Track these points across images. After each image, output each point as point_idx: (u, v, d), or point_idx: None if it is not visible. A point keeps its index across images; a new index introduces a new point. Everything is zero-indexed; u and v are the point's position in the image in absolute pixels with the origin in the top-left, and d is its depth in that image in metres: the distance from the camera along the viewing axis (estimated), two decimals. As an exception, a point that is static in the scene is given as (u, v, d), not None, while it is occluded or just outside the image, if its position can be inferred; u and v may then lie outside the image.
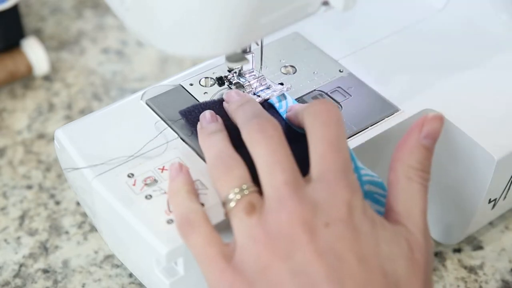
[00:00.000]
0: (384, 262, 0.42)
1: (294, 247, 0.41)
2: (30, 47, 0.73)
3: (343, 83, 0.56)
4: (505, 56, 0.59)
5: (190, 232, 0.44)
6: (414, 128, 0.46)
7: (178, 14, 0.41)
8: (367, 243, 0.42)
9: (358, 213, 0.42)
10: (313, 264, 0.40)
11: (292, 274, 0.41)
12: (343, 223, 0.42)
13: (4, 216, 0.63)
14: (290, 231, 0.41)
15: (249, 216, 0.43)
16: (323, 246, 0.41)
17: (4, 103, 0.73)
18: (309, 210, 0.42)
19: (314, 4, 0.44)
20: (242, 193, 0.44)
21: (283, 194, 0.42)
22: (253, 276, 0.41)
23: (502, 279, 0.59)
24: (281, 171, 0.43)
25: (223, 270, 0.42)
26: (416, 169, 0.45)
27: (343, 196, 0.42)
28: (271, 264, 0.41)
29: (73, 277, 0.58)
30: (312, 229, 0.41)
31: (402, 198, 0.45)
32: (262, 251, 0.42)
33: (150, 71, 0.76)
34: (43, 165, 0.67)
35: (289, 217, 0.41)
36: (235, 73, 0.54)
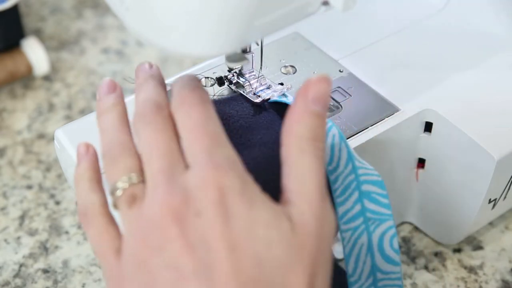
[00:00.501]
0: (259, 248, 0.38)
1: (166, 241, 0.39)
2: (30, 47, 0.73)
3: (343, 83, 0.56)
4: (505, 56, 0.59)
5: (86, 225, 0.44)
6: (300, 95, 0.42)
7: (178, 14, 0.41)
8: (239, 228, 0.38)
9: (231, 195, 0.39)
10: (183, 257, 0.39)
11: (164, 267, 0.39)
12: (214, 209, 0.39)
13: (4, 216, 0.63)
14: (161, 223, 0.39)
15: (130, 209, 0.41)
16: (193, 238, 0.39)
17: (4, 103, 0.73)
18: (180, 199, 0.39)
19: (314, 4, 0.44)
20: (130, 182, 0.42)
21: (157, 183, 0.40)
22: (133, 271, 0.41)
23: (502, 279, 0.59)
24: (157, 158, 0.41)
25: (112, 266, 0.42)
26: (307, 138, 0.41)
27: (214, 178, 0.39)
28: (145, 259, 0.40)
29: (73, 277, 0.58)
30: (183, 220, 0.39)
31: (294, 173, 0.41)
32: (138, 246, 0.40)
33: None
34: (43, 165, 0.67)
35: (160, 209, 0.39)
36: (235, 73, 0.54)
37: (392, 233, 0.48)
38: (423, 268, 0.59)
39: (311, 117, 0.41)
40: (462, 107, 0.55)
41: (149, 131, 0.42)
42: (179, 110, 0.43)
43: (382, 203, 0.48)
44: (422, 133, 0.55)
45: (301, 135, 0.41)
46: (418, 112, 0.54)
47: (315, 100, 0.41)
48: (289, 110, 0.42)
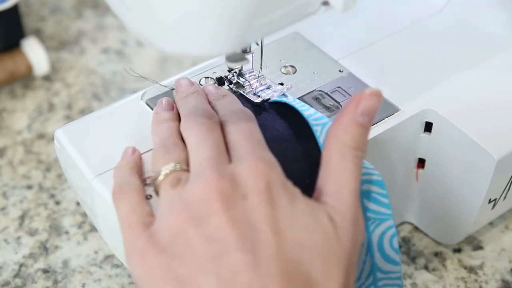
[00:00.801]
0: (300, 234, 0.41)
1: (209, 214, 0.41)
2: (30, 47, 0.73)
3: (343, 83, 0.56)
4: (505, 56, 0.59)
5: (120, 199, 0.45)
6: (350, 104, 0.44)
7: (178, 14, 0.41)
8: (283, 215, 0.41)
9: (276, 185, 0.42)
10: (226, 231, 0.40)
11: (205, 239, 0.40)
12: (260, 196, 0.41)
13: (4, 216, 0.63)
14: (205, 198, 0.41)
15: (173, 189, 0.43)
16: (237, 216, 0.40)
17: (4, 103, 0.73)
18: (227, 181, 0.42)
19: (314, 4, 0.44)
20: (173, 169, 0.45)
21: (204, 167, 0.43)
22: (166, 242, 0.41)
23: (502, 279, 0.59)
24: (206, 149, 0.44)
25: (139, 236, 0.43)
26: (350, 147, 0.44)
27: (261, 168, 0.42)
28: (184, 229, 0.41)
29: (73, 277, 0.58)
30: (228, 199, 0.41)
31: (333, 176, 0.44)
32: (177, 218, 0.41)
33: (150, 71, 0.76)
34: (43, 165, 0.67)
35: (206, 186, 0.41)
36: (235, 73, 0.54)
37: (392, 233, 0.48)
38: (423, 268, 0.59)
39: (357, 127, 0.44)
40: (462, 107, 0.55)
41: (200, 130, 0.46)
42: (230, 119, 0.47)
43: (382, 202, 0.48)
44: (422, 133, 0.55)
45: (345, 142, 0.44)
46: (418, 112, 0.54)
47: (364, 112, 0.44)
48: (337, 116, 0.45)
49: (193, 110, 0.48)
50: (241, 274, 0.39)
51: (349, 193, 0.43)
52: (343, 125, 0.44)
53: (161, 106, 0.51)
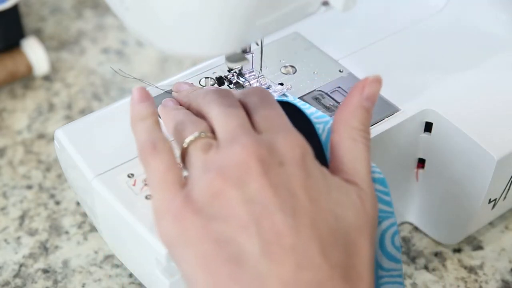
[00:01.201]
0: (335, 207, 0.42)
1: (248, 177, 0.41)
2: (30, 47, 0.73)
3: (343, 83, 0.56)
4: (505, 56, 0.59)
5: (153, 157, 0.43)
6: (356, 90, 0.46)
7: (178, 14, 0.41)
8: (319, 187, 0.42)
9: (310, 159, 0.43)
10: (266, 194, 0.40)
11: (244, 201, 0.40)
12: (297, 165, 0.42)
13: (4, 216, 0.63)
14: (244, 161, 0.41)
15: (205, 153, 0.43)
16: (276, 181, 0.41)
17: (4, 103, 0.73)
18: (264, 148, 0.42)
19: (314, 4, 0.44)
20: (199, 136, 0.44)
21: (237, 134, 0.43)
22: (203, 202, 0.41)
23: (502, 279, 0.59)
24: (235, 118, 0.44)
25: (174, 196, 0.42)
26: (359, 129, 0.46)
27: (297, 141, 0.43)
28: (222, 190, 0.41)
29: (73, 277, 0.58)
30: (266, 164, 0.41)
31: (348, 157, 0.45)
32: (214, 179, 0.41)
33: (150, 71, 0.76)
34: (43, 165, 0.67)
35: (244, 151, 0.41)
36: (235, 73, 0.54)
37: (393, 231, 0.48)
38: (423, 268, 0.59)
39: (363, 111, 0.46)
40: (462, 107, 0.55)
41: (223, 107, 0.45)
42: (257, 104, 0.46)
43: (384, 200, 0.48)
44: (422, 133, 0.55)
45: (354, 126, 0.46)
46: (418, 112, 0.54)
47: (369, 97, 0.46)
48: (344, 102, 0.47)
49: (209, 91, 0.47)
50: (283, 236, 0.40)
51: (366, 171, 0.45)
52: (351, 110, 0.46)
53: (168, 102, 0.50)
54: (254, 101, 0.46)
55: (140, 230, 0.47)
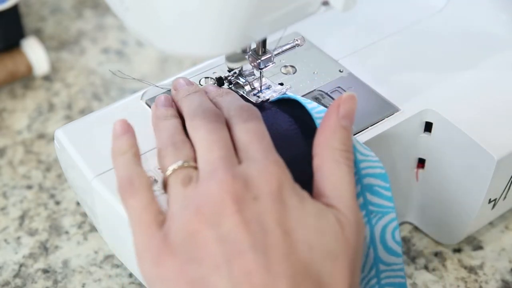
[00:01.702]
0: (311, 235, 0.42)
1: (222, 216, 0.41)
2: (30, 47, 0.73)
3: (343, 83, 0.56)
4: (505, 56, 0.59)
5: (130, 195, 0.44)
6: (332, 111, 0.46)
7: (178, 14, 0.41)
8: (294, 216, 0.42)
9: (287, 187, 0.43)
10: (240, 232, 0.41)
11: (218, 240, 0.41)
12: (272, 197, 0.42)
13: (4, 216, 0.63)
14: (219, 199, 0.42)
15: (184, 187, 0.44)
16: (250, 217, 0.41)
17: (4, 103, 0.73)
18: (240, 183, 0.42)
19: (314, 4, 0.44)
20: (181, 166, 0.45)
21: (216, 167, 0.43)
22: (180, 243, 0.42)
23: (502, 279, 0.59)
24: (217, 149, 0.44)
25: (152, 236, 0.43)
26: (341, 150, 0.45)
27: (273, 171, 0.43)
28: (198, 230, 0.41)
29: (73, 277, 0.58)
30: (241, 201, 0.42)
31: (330, 181, 0.45)
32: (191, 218, 0.42)
33: (150, 71, 0.76)
34: (43, 165, 0.67)
35: (220, 187, 0.42)
36: (235, 73, 0.54)
37: (394, 225, 0.48)
38: (423, 268, 0.59)
39: (342, 131, 0.46)
40: (462, 107, 0.55)
41: (208, 129, 0.46)
42: (238, 118, 0.47)
43: (385, 196, 0.48)
44: (422, 133, 0.55)
45: (335, 147, 0.45)
46: (418, 112, 0.54)
47: (345, 116, 0.46)
48: (322, 124, 0.46)
49: (199, 109, 0.48)
50: (253, 275, 0.40)
51: (349, 195, 0.44)
52: (330, 130, 0.46)
53: (161, 102, 0.51)
54: (238, 120, 0.47)
55: (140, 230, 0.47)
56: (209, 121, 0.46)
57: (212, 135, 0.45)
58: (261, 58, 0.52)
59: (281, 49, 0.53)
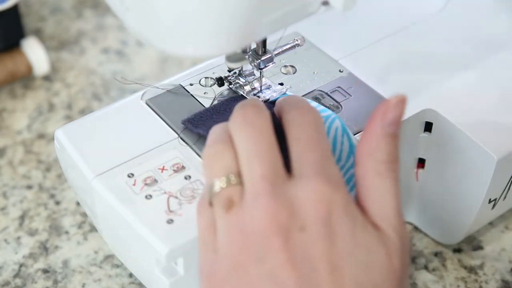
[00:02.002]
0: (359, 271, 0.40)
1: (267, 251, 0.40)
2: (30, 47, 0.73)
3: (343, 83, 0.56)
4: (505, 56, 0.59)
5: (199, 212, 0.44)
6: (377, 116, 0.43)
7: (178, 14, 0.41)
8: (342, 250, 0.40)
9: (337, 212, 0.40)
10: (285, 271, 0.39)
11: (263, 278, 0.39)
12: (320, 226, 0.40)
13: (4, 216, 0.63)
14: (263, 233, 0.40)
15: (227, 213, 0.42)
16: (296, 253, 0.39)
17: (4, 103, 0.73)
18: (285, 210, 0.40)
19: (314, 4, 0.44)
20: (228, 182, 0.42)
21: (259, 189, 0.41)
22: (228, 272, 0.41)
23: (502, 279, 0.59)
24: (260, 163, 0.41)
25: (208, 261, 0.42)
26: (386, 162, 0.42)
27: (323, 192, 0.40)
28: (243, 265, 0.40)
29: (73, 277, 0.58)
30: (286, 233, 0.40)
31: (375, 197, 0.42)
32: (238, 251, 0.41)
33: (150, 71, 0.76)
34: (43, 165, 0.67)
35: (264, 218, 0.40)
36: (235, 73, 0.54)
37: None
38: (423, 268, 0.59)
39: (388, 140, 0.43)
40: (462, 107, 0.55)
41: (250, 132, 0.42)
42: (293, 121, 0.43)
43: None
44: (422, 133, 0.55)
45: (380, 159, 0.42)
46: (418, 112, 0.54)
47: (392, 123, 0.42)
48: (365, 130, 0.43)
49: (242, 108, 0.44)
50: None
51: (394, 212, 0.42)
52: (374, 140, 0.43)
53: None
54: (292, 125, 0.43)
55: (140, 230, 0.47)
56: (249, 123, 0.43)
57: (254, 144, 0.42)
58: (261, 58, 0.52)
59: (281, 49, 0.53)
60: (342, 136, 0.48)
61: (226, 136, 0.44)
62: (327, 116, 0.49)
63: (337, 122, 0.48)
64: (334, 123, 0.48)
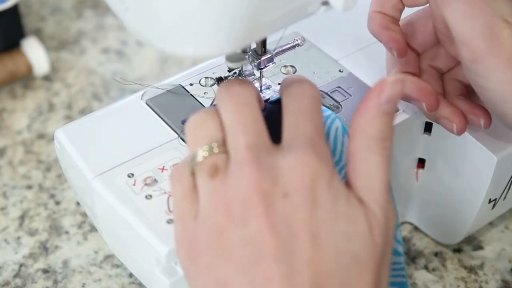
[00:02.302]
0: (339, 240, 0.40)
1: (249, 216, 0.40)
2: (30, 47, 0.73)
3: (343, 83, 0.56)
4: (505, 56, 0.59)
5: (175, 181, 0.43)
6: (373, 92, 0.42)
7: (178, 14, 0.41)
8: (324, 218, 0.40)
9: (321, 183, 0.40)
10: (265, 236, 0.39)
11: (244, 242, 0.40)
12: (303, 194, 0.40)
13: (4, 216, 0.63)
14: (246, 199, 0.40)
15: (211, 179, 0.42)
16: (277, 219, 0.40)
17: (4, 103, 0.73)
18: (269, 178, 0.40)
19: (314, 4, 0.44)
20: (210, 151, 0.42)
21: (243, 158, 0.41)
22: (209, 240, 0.41)
23: (502, 279, 0.59)
24: (244, 133, 0.42)
25: (187, 228, 0.42)
26: (377, 138, 0.42)
27: (309, 163, 0.40)
28: (225, 229, 0.40)
29: (73, 277, 0.58)
30: (269, 199, 0.40)
31: (362, 171, 0.42)
32: (218, 216, 0.41)
33: (150, 71, 0.76)
34: (43, 165, 0.67)
35: (247, 184, 0.40)
36: (235, 73, 0.54)
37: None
38: (423, 268, 0.59)
39: (382, 117, 0.42)
40: (462, 107, 0.54)
41: (235, 104, 0.43)
42: (291, 92, 0.44)
43: None
44: (422, 133, 0.55)
45: (371, 134, 0.42)
46: (418, 112, 0.54)
47: (389, 100, 0.42)
48: (360, 107, 0.42)
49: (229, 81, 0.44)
50: (273, 283, 0.39)
51: (380, 188, 0.42)
52: (367, 116, 0.42)
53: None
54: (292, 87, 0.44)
55: (140, 230, 0.47)
56: (234, 95, 0.43)
57: (238, 115, 0.42)
58: (261, 58, 0.52)
59: (281, 49, 0.53)
60: (343, 136, 0.48)
61: (210, 108, 0.45)
62: (327, 116, 0.48)
63: (337, 122, 0.48)
64: (334, 123, 0.48)
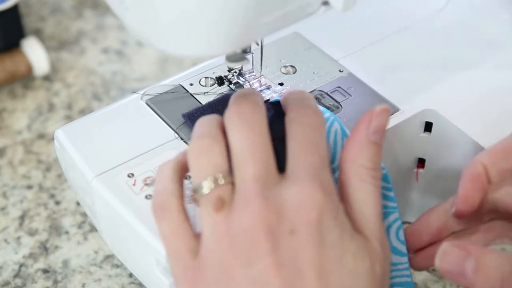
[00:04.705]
0: (345, 278, 0.40)
1: (255, 255, 0.39)
2: (30, 47, 0.73)
3: (343, 83, 0.56)
4: (505, 56, 0.59)
5: (161, 219, 0.42)
6: (362, 124, 0.43)
7: (177, 14, 0.41)
8: (331, 256, 0.40)
9: (328, 218, 0.40)
10: (271, 276, 0.39)
11: (249, 282, 0.39)
12: (310, 230, 0.39)
13: (4, 216, 0.63)
14: (252, 236, 0.39)
15: (216, 213, 0.41)
16: (284, 257, 0.39)
17: (4, 103, 0.73)
18: (275, 213, 0.40)
19: (314, 4, 0.44)
20: (215, 183, 0.41)
21: (250, 191, 0.40)
22: (213, 276, 0.40)
23: (502, 279, 0.59)
24: (253, 163, 0.41)
25: (187, 268, 0.41)
26: (367, 168, 0.43)
27: (315, 197, 0.40)
28: (231, 269, 0.40)
29: (73, 277, 0.58)
30: (275, 236, 0.39)
31: (356, 201, 0.43)
32: (223, 254, 0.40)
33: (150, 71, 0.76)
34: (43, 165, 0.67)
35: (253, 220, 0.39)
36: (235, 73, 0.54)
37: (398, 225, 0.48)
38: (423, 268, 0.59)
39: (371, 147, 0.43)
40: (462, 107, 0.55)
41: (245, 130, 0.42)
42: (295, 120, 0.43)
43: (388, 196, 0.47)
44: (422, 133, 0.55)
45: (362, 164, 0.43)
46: (418, 112, 0.54)
47: (376, 131, 0.43)
48: (350, 137, 0.44)
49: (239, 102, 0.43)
50: None
51: (375, 217, 0.43)
52: (357, 147, 0.43)
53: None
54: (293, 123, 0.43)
55: (140, 230, 0.47)
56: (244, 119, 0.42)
57: (248, 142, 0.41)
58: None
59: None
60: (342, 139, 0.48)
61: (215, 130, 0.43)
62: (327, 118, 0.49)
63: (336, 124, 0.48)
64: (334, 125, 0.48)
